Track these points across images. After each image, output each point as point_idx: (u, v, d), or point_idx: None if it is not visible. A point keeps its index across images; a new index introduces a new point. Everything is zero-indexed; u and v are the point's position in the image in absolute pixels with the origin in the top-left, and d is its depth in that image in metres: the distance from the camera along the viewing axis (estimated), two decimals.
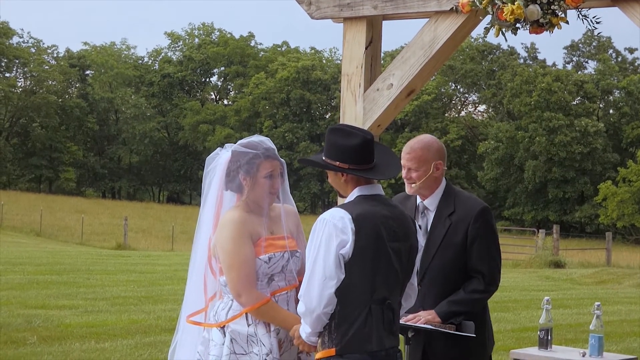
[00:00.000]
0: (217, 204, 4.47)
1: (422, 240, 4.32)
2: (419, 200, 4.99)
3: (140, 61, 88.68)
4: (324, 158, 4.16)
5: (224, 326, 4.31)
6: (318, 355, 4.04)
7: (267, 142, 4.46)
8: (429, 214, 4.95)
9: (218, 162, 4.49)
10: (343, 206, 4.07)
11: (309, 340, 4.07)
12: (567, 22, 4.96)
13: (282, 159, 4.48)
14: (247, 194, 4.39)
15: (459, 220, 4.85)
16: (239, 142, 4.48)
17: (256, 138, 4.48)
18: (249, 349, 4.25)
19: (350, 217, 3.96)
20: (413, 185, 4.90)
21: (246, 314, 4.28)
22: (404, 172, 4.90)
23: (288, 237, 4.42)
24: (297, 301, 4.33)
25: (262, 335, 4.27)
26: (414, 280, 4.29)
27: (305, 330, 4.05)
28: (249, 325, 4.28)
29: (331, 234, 3.94)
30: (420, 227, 4.40)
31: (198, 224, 4.53)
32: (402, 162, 4.89)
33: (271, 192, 4.40)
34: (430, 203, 4.95)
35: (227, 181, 4.44)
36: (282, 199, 4.48)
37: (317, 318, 3.97)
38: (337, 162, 4.09)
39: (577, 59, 74.16)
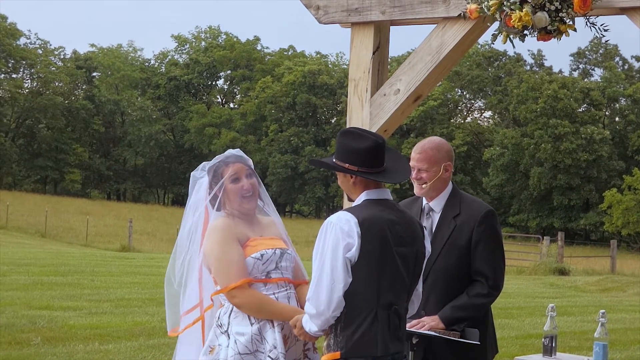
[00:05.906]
0: (203, 222, 4.53)
1: (428, 243, 4.31)
2: (424, 201, 4.99)
3: (146, 64, 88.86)
4: (334, 160, 4.16)
5: (227, 329, 4.31)
6: (323, 358, 4.05)
7: (233, 151, 4.56)
8: (434, 216, 4.94)
9: (201, 183, 4.57)
10: (350, 210, 4.07)
11: (314, 334, 4.08)
12: (575, 30, 4.94)
13: (247, 159, 4.52)
14: (228, 204, 4.45)
15: (464, 222, 4.84)
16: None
17: (227, 152, 4.57)
18: (253, 347, 4.26)
19: (356, 220, 3.96)
20: (424, 186, 4.89)
21: (248, 315, 4.28)
22: (413, 173, 4.88)
23: (278, 239, 4.47)
24: (297, 299, 4.38)
25: (265, 332, 4.28)
26: (420, 286, 4.28)
27: (311, 328, 4.05)
28: (252, 324, 4.29)
29: (338, 237, 3.94)
30: (425, 229, 4.39)
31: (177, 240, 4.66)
32: (412, 163, 4.88)
33: (243, 194, 4.43)
34: (436, 204, 4.94)
35: (211, 199, 4.49)
36: (264, 202, 4.54)
37: (325, 321, 3.99)
38: (347, 164, 4.09)
39: (583, 66, 74.13)
